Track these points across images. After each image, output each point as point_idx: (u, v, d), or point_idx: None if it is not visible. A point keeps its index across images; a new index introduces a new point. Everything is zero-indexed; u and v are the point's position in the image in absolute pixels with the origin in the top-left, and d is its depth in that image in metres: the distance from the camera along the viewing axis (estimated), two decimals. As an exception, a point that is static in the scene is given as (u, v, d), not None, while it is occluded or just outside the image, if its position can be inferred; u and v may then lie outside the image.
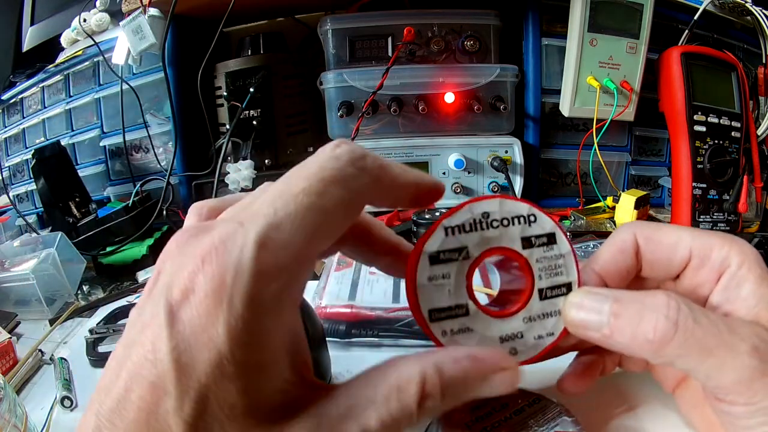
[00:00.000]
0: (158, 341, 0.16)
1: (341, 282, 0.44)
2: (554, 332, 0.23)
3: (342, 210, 0.19)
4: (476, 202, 0.22)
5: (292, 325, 0.18)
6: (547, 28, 0.68)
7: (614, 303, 0.21)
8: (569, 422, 0.24)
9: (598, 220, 0.65)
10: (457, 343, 0.22)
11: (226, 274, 0.16)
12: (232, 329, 0.15)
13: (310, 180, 0.18)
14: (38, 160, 0.66)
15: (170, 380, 0.15)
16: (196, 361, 0.15)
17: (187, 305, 0.16)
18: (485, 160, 0.67)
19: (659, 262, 0.24)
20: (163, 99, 0.74)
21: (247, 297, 0.16)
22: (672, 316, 0.20)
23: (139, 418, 0.15)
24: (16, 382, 0.39)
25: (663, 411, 0.28)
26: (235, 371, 0.15)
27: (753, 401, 0.19)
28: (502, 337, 0.22)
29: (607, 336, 0.21)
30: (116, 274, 0.61)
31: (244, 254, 0.16)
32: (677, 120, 0.61)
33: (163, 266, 0.18)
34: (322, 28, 0.67)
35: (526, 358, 0.22)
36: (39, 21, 0.92)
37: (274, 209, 0.17)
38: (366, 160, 0.19)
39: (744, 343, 0.19)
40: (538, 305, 0.23)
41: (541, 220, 0.23)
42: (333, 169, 0.18)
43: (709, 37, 0.68)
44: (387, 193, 0.21)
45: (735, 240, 0.23)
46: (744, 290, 0.22)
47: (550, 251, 0.23)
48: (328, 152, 0.19)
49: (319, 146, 0.20)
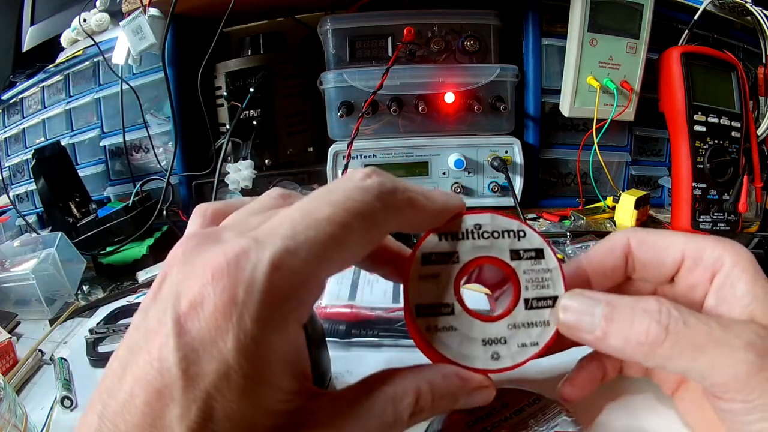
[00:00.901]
0: (165, 350, 0.16)
1: (341, 282, 0.44)
2: (539, 342, 0.23)
3: (362, 243, 0.19)
4: (470, 215, 0.24)
5: (296, 340, 0.18)
6: (547, 28, 0.68)
7: (607, 307, 0.21)
8: (569, 422, 0.24)
9: (598, 220, 0.65)
10: (440, 341, 0.22)
11: (237, 291, 0.16)
12: (241, 344, 0.16)
13: (336, 208, 0.18)
14: (38, 160, 0.66)
15: (177, 389, 0.15)
16: (204, 371, 0.16)
17: (195, 317, 0.16)
18: (485, 160, 0.67)
19: (652, 263, 0.25)
20: (163, 99, 0.74)
21: (256, 316, 0.16)
22: (663, 321, 0.20)
23: (143, 422, 0.15)
24: (16, 382, 0.39)
25: (662, 411, 0.28)
26: (242, 382, 0.16)
27: (750, 398, 0.19)
28: (484, 339, 0.23)
29: (599, 339, 0.21)
30: (116, 274, 0.60)
31: (258, 273, 0.16)
32: (677, 120, 0.61)
33: (170, 271, 0.18)
34: (322, 28, 0.67)
35: (510, 364, 0.23)
36: (39, 21, 0.92)
37: (294, 232, 0.17)
38: (396, 195, 0.20)
39: (738, 340, 0.20)
40: (523, 314, 0.23)
41: (531, 237, 0.24)
42: (360, 201, 0.19)
43: (709, 37, 0.68)
44: (410, 225, 0.22)
45: (727, 241, 0.23)
46: (738, 289, 0.22)
47: (537, 265, 0.24)
48: (358, 181, 0.19)
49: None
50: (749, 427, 0.20)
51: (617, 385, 0.29)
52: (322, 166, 0.69)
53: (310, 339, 0.26)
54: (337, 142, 0.67)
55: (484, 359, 0.23)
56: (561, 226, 0.64)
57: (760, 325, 0.21)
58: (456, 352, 0.22)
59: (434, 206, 0.22)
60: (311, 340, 0.27)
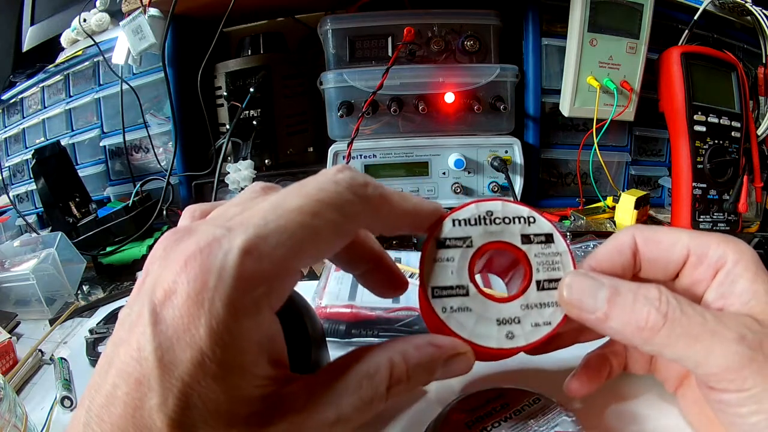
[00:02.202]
0: (143, 340, 0.16)
1: (341, 282, 0.44)
2: (551, 322, 0.24)
3: (333, 233, 0.19)
4: (482, 202, 0.25)
5: (270, 326, 0.18)
6: (547, 28, 0.68)
7: (610, 290, 0.22)
8: (569, 422, 0.24)
9: (598, 220, 0.65)
10: (455, 321, 0.23)
11: (209, 277, 0.16)
12: (213, 330, 0.16)
13: (307, 199, 0.19)
14: (38, 160, 0.66)
15: (154, 378, 0.16)
16: (178, 359, 0.16)
17: (170, 305, 0.16)
18: (485, 160, 0.67)
19: (658, 261, 0.25)
20: (163, 99, 0.74)
21: (228, 301, 0.16)
22: (662, 308, 0.21)
23: (126, 413, 0.16)
24: (16, 382, 0.39)
25: (663, 411, 0.28)
26: (216, 369, 0.16)
27: (743, 388, 0.20)
28: (498, 319, 0.23)
29: (601, 320, 0.22)
30: (116, 274, 0.60)
31: (228, 259, 0.17)
32: (677, 120, 0.61)
33: (151, 267, 0.18)
34: (322, 28, 0.67)
35: (524, 343, 0.23)
36: (39, 21, 0.92)
37: (266, 221, 0.18)
38: (367, 189, 0.20)
39: (730, 332, 0.20)
40: (536, 295, 0.24)
41: (540, 222, 0.25)
42: (331, 192, 0.19)
43: (709, 37, 0.68)
44: (384, 222, 0.22)
45: (731, 239, 0.24)
46: (738, 286, 0.23)
47: (547, 249, 0.25)
48: (330, 175, 0.20)
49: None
50: (743, 419, 0.20)
51: (620, 383, 0.29)
52: (322, 166, 0.68)
53: (310, 338, 0.27)
54: (337, 142, 0.67)
55: (498, 338, 0.23)
56: (561, 226, 0.64)
57: (753, 319, 0.21)
58: (471, 331, 0.23)
59: (407, 204, 0.22)
60: (311, 340, 0.27)
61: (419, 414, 0.29)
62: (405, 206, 0.22)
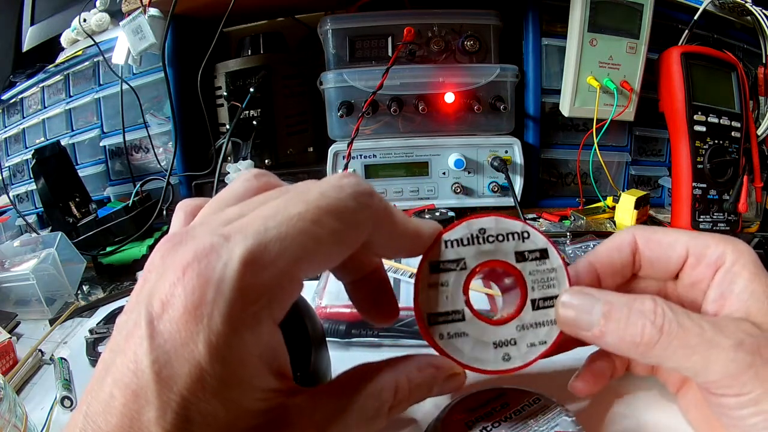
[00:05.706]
0: (140, 352, 0.16)
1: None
2: (546, 341, 0.24)
3: (335, 241, 0.18)
4: (474, 219, 0.24)
5: (271, 337, 0.18)
6: (547, 28, 0.68)
7: (605, 305, 0.22)
8: (569, 422, 0.24)
9: (598, 220, 0.65)
10: (453, 347, 0.23)
11: (207, 290, 0.16)
12: (212, 345, 0.16)
13: (309, 206, 0.18)
14: (38, 160, 0.66)
15: (151, 391, 0.15)
16: (177, 374, 0.15)
17: (167, 318, 0.16)
18: (485, 160, 0.67)
19: (658, 260, 0.25)
20: (163, 99, 0.74)
21: (227, 315, 0.16)
22: (658, 321, 0.21)
23: (123, 423, 0.16)
24: (16, 382, 0.39)
25: (663, 411, 0.28)
26: (216, 385, 0.16)
27: (743, 392, 0.20)
28: (495, 342, 0.24)
29: (597, 336, 0.22)
30: (116, 274, 0.60)
31: (228, 271, 0.16)
32: (677, 120, 0.61)
33: (149, 276, 0.18)
34: (322, 28, 0.67)
35: (521, 363, 0.24)
36: (39, 21, 0.92)
37: (266, 228, 0.17)
38: (372, 198, 0.19)
39: (728, 339, 0.20)
40: (531, 315, 0.24)
41: (535, 237, 0.25)
42: (334, 198, 0.18)
43: (709, 37, 0.68)
44: (386, 238, 0.21)
45: (730, 239, 0.24)
46: (737, 286, 0.23)
47: (542, 265, 0.24)
48: (333, 181, 0.19)
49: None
50: (743, 421, 0.20)
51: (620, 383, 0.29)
52: (322, 166, 0.69)
53: (310, 339, 0.27)
54: (337, 142, 0.67)
55: (495, 361, 0.23)
56: (561, 226, 0.64)
57: (751, 323, 0.21)
58: (469, 356, 0.23)
59: (410, 224, 0.22)
60: (311, 340, 0.27)
61: (419, 414, 0.29)
62: (408, 225, 0.22)
